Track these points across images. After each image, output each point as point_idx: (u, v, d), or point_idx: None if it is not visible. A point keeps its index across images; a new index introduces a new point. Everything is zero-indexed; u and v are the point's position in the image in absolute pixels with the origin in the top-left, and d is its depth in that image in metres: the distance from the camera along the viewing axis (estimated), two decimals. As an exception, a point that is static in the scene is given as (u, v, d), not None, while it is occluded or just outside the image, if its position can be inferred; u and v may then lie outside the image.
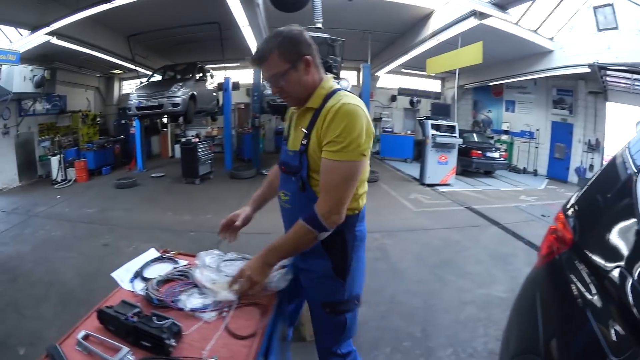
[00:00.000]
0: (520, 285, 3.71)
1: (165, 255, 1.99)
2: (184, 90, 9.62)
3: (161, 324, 1.24)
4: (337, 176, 1.46)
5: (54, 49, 9.28)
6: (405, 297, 3.79)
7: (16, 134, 10.35)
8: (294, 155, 1.60)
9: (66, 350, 1.20)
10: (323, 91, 1.56)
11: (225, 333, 1.35)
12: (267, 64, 1.51)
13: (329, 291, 1.66)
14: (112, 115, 15.62)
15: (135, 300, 1.49)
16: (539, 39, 9.46)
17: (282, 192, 1.73)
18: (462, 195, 8.70)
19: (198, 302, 1.50)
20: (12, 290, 4.08)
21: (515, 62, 11.23)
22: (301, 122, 1.60)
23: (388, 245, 5.22)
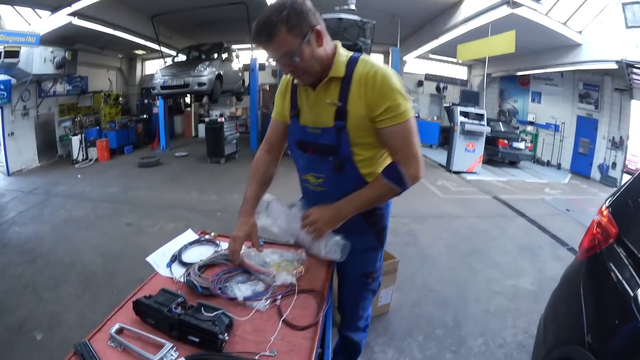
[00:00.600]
0: (547, 279, 3.87)
1: (204, 237, 1.84)
2: (210, 70, 9.52)
3: (211, 316, 1.10)
4: (409, 136, 1.43)
5: (75, 30, 9.19)
6: (437, 285, 3.77)
7: (36, 115, 10.37)
8: (326, 132, 1.49)
9: (97, 347, 1.05)
10: (343, 58, 1.46)
11: (282, 324, 1.21)
12: (275, 42, 1.32)
13: (371, 261, 1.73)
14: (134, 96, 15.56)
15: (175, 288, 1.35)
16: (567, 31, 9.23)
17: (311, 176, 1.61)
18: (488, 184, 8.60)
19: (249, 289, 1.36)
20: (30, 272, 3.99)
21: (543, 53, 10.98)
22: (326, 95, 1.47)
23: (417, 230, 5.17)
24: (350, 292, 1.81)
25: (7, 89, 9.05)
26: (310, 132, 1.54)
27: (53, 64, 9.58)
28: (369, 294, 1.81)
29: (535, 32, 8.97)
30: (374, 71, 1.38)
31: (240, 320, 1.20)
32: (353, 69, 1.42)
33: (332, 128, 1.46)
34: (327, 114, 1.47)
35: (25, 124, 9.96)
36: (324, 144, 1.50)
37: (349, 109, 1.42)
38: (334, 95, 1.44)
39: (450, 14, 9.68)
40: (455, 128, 9.45)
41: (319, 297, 1.37)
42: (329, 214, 1.49)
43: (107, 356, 1.03)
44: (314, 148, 1.54)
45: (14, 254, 4.48)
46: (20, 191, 7.46)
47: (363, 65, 1.42)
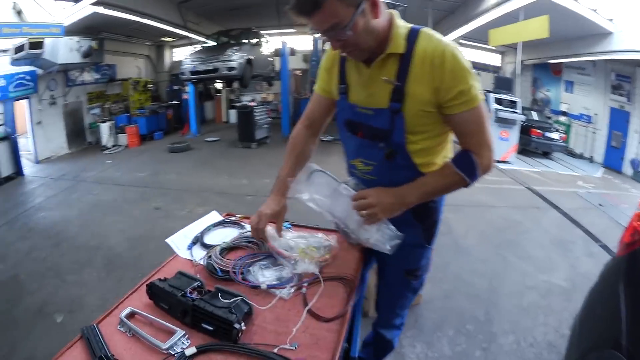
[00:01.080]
0: (579, 276, 3.69)
1: (229, 219, 1.74)
2: (239, 55, 9.43)
3: (229, 302, 0.99)
4: (482, 122, 1.26)
5: (101, 20, 9.27)
6: (470, 277, 3.63)
7: (64, 103, 10.57)
8: (379, 114, 1.29)
9: (106, 331, 0.99)
10: (402, 31, 1.23)
11: (306, 314, 1.09)
12: (323, 12, 1.08)
13: (415, 258, 1.56)
14: (164, 83, 15.68)
15: (194, 272, 1.26)
16: (598, 18, 8.78)
17: (359, 161, 1.42)
18: (521, 175, 8.34)
19: (273, 275, 1.25)
20: (54, 256, 4.03)
21: (574, 42, 10.49)
22: (380, 72, 1.25)
23: (451, 219, 5.01)
24: (389, 289, 1.67)
25: (33, 79, 9.23)
26: (360, 113, 1.35)
27: (79, 54, 9.70)
28: (410, 292, 1.65)
29: (566, 18, 8.61)
30: (442, 49, 1.17)
31: (260, 308, 1.09)
32: (414, 44, 1.20)
33: (387, 110, 1.26)
34: (382, 93, 1.26)
35: (52, 112, 10.16)
36: (375, 127, 1.31)
37: (407, 90, 1.22)
38: (390, 73, 1.24)
39: (483, -3, 9.35)
40: (490, 115, 9.09)
41: (349, 286, 1.24)
42: (389, 200, 1.28)
43: (115, 341, 0.96)
44: (364, 131, 1.36)
45: (38, 238, 4.55)
46: (49, 177, 7.63)
47: (427, 41, 1.20)
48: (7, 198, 6.53)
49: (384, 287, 1.68)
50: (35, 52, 8.16)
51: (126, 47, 13.20)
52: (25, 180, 7.81)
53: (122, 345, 0.96)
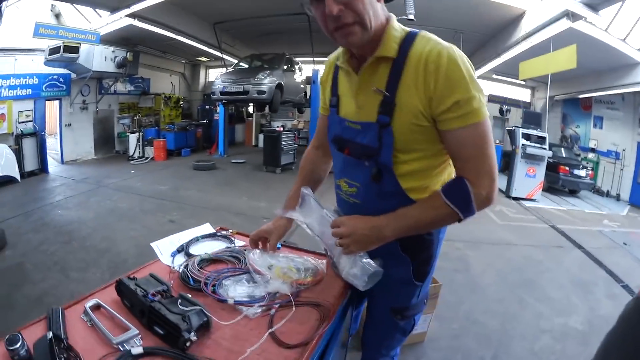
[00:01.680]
0: (598, 318, 3.47)
1: (220, 232, 1.70)
2: (270, 79, 9.46)
3: (185, 310, 0.94)
4: (484, 143, 1.06)
5: (136, 32, 9.65)
6: (482, 317, 3.43)
7: (95, 109, 10.97)
8: (367, 129, 1.14)
9: (70, 317, 1.02)
10: (396, 33, 1.09)
11: (268, 336, 1.01)
12: None
13: (404, 296, 1.35)
14: (196, 101, 16.09)
15: (169, 277, 1.24)
16: (627, 48, 8.58)
17: (344, 182, 1.28)
18: (547, 213, 8.10)
19: (244, 292, 1.17)
20: (63, 252, 4.13)
21: (604, 74, 10.28)
22: (372, 80, 1.11)
23: (470, 257, 4.87)
24: (374, 327, 1.49)
25: (66, 82, 9.70)
26: (349, 127, 1.20)
27: (114, 63, 10.08)
28: (398, 333, 1.45)
29: (595, 49, 8.44)
30: (438, 51, 1.01)
31: (221, 323, 1.03)
32: (409, 48, 1.06)
33: (375, 124, 1.11)
34: (371, 105, 1.12)
35: (83, 117, 10.58)
36: (361, 144, 1.16)
37: (398, 100, 1.06)
38: (381, 81, 1.09)
39: (511, 29, 9.33)
40: (517, 151, 8.96)
41: (323, 313, 1.14)
42: (364, 231, 1.14)
43: (74, 327, 0.99)
44: (351, 148, 1.22)
45: (51, 233, 4.69)
46: (71, 179, 7.89)
47: (423, 43, 1.05)
48: (27, 191, 6.81)
49: (370, 323, 1.51)
50: (70, 55, 8.52)
51: (161, 62, 13.66)
52: (49, 178, 8.13)
53: (78, 332, 0.98)
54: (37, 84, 8.93)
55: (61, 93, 9.71)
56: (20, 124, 8.48)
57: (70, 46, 8.37)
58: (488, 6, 8.21)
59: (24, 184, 7.46)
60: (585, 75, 10.71)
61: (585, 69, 9.92)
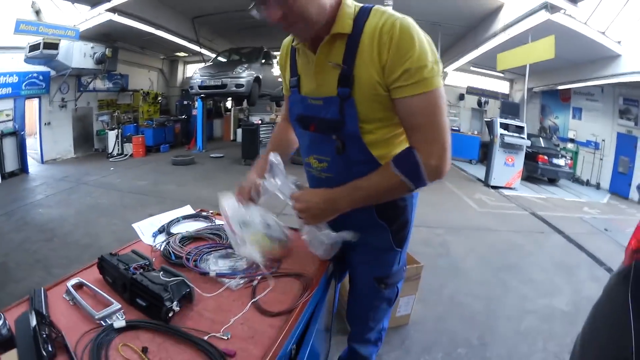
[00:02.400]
0: (583, 299, 3.52)
1: (201, 213, 1.71)
2: (248, 72, 9.40)
3: (167, 281, 0.93)
4: (434, 111, 1.06)
5: (116, 28, 9.50)
6: (466, 299, 3.47)
7: (74, 107, 10.75)
8: (329, 103, 1.16)
9: (52, 297, 1.02)
10: (349, 10, 1.10)
11: (251, 306, 1.02)
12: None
13: (385, 264, 1.38)
14: (174, 97, 15.92)
15: (151, 255, 1.23)
16: (607, 41, 8.74)
17: (313, 158, 1.30)
18: (526, 200, 8.25)
19: (226, 265, 1.18)
20: (45, 249, 4.08)
21: (583, 66, 10.49)
22: (328, 56, 1.13)
23: (451, 242, 4.91)
24: (359, 299, 1.51)
25: (45, 80, 9.46)
26: (311, 105, 1.22)
27: (93, 60, 9.88)
28: (383, 302, 1.47)
29: (575, 41, 8.60)
30: (392, 22, 1.02)
31: (204, 295, 1.03)
32: (364, 24, 1.07)
33: (336, 98, 1.13)
34: (330, 80, 1.14)
35: (62, 115, 10.34)
36: (326, 119, 1.18)
37: (356, 73, 1.08)
38: (338, 56, 1.11)
39: (490, 21, 9.42)
40: (495, 140, 9.10)
41: (305, 283, 1.15)
42: (319, 205, 1.18)
43: (56, 306, 0.99)
44: (316, 124, 1.23)
45: (33, 231, 4.62)
46: (52, 177, 7.75)
47: (378, 16, 1.06)
48: (8, 192, 6.67)
49: (354, 296, 1.52)
50: (49, 52, 8.35)
51: (140, 58, 13.44)
52: (29, 177, 7.97)
53: (60, 311, 0.97)
54: (16, 82, 8.71)
55: (41, 91, 9.49)
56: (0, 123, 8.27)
57: (50, 43, 8.22)
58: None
59: (5, 184, 7.29)
60: (564, 67, 10.91)
61: (564, 61, 10.11)
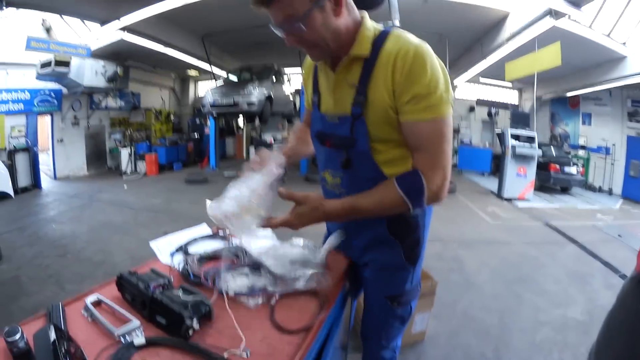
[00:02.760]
0: (598, 308, 3.52)
1: (218, 233, 1.71)
2: (260, 91, 9.52)
3: (186, 299, 0.95)
4: (438, 139, 1.09)
5: (127, 47, 9.64)
6: (479, 313, 3.45)
7: (86, 125, 10.95)
8: (343, 121, 1.20)
9: (70, 313, 1.04)
10: (369, 33, 1.14)
11: (269, 324, 1.03)
12: (279, 2, 1.03)
13: (398, 282, 1.36)
14: (186, 115, 16.11)
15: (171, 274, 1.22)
16: (612, 43, 8.71)
17: (328, 173, 1.33)
18: (539, 211, 8.18)
19: (244, 284, 1.18)
20: (58, 265, 4.13)
21: (590, 70, 10.46)
22: (346, 76, 1.18)
23: (464, 256, 4.90)
24: (372, 316, 1.49)
25: (57, 97, 9.71)
26: (329, 122, 1.27)
27: (104, 78, 10.09)
28: (396, 321, 1.46)
29: (580, 46, 8.59)
30: (407, 49, 1.06)
31: (222, 313, 1.04)
32: (381, 47, 1.11)
33: (349, 116, 1.17)
34: (346, 99, 1.18)
35: (75, 132, 10.57)
36: (340, 136, 1.22)
37: (369, 94, 1.12)
38: (355, 77, 1.15)
39: (496, 31, 9.44)
40: (507, 152, 9.05)
41: (322, 300, 1.16)
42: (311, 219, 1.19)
43: (74, 322, 1.00)
44: (331, 140, 1.27)
45: (45, 246, 4.70)
46: (64, 194, 7.89)
47: (394, 42, 1.10)
48: (21, 206, 6.83)
49: (367, 314, 1.51)
50: (60, 70, 8.55)
51: (151, 77, 13.67)
52: (42, 193, 8.14)
53: (79, 327, 0.98)
54: (29, 98, 8.94)
55: (53, 108, 9.71)
56: (12, 139, 8.48)
57: (61, 60, 8.41)
58: (472, 9, 8.30)
59: (18, 199, 7.44)
60: (571, 73, 10.87)
61: (571, 67, 10.07)
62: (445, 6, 8.10)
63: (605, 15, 8.07)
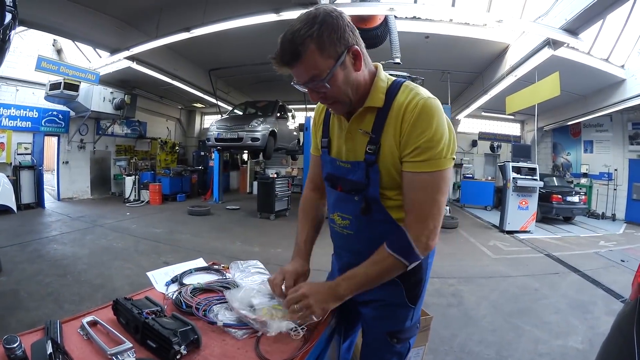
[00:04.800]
0: (598, 335, 3.51)
1: (213, 266, 1.79)
2: (264, 126, 9.59)
3: (176, 326, 1.01)
4: (432, 192, 1.15)
5: (135, 75, 9.96)
6: (477, 347, 3.39)
7: (92, 149, 11.13)
8: (356, 167, 1.26)
9: (67, 330, 1.10)
10: (382, 84, 1.21)
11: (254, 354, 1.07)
12: (302, 63, 1.08)
13: (399, 320, 1.39)
14: (192, 147, 16.36)
15: (165, 303, 1.32)
16: (610, 67, 8.88)
17: (337, 216, 1.38)
18: (541, 242, 8.14)
19: (233, 316, 1.24)
20: (58, 284, 4.18)
21: (589, 97, 10.66)
22: (359, 125, 1.24)
23: (463, 291, 4.86)
24: (370, 352, 1.49)
25: (65, 120, 9.96)
26: (340, 166, 1.33)
27: (112, 104, 10.32)
28: (394, 357, 1.45)
29: (580, 73, 8.73)
30: (416, 101, 1.12)
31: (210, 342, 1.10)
32: (394, 98, 1.18)
33: (363, 162, 1.23)
34: (359, 146, 1.24)
35: (80, 156, 10.78)
36: (352, 181, 1.27)
37: (382, 142, 1.18)
38: (368, 125, 1.22)
39: (497, 65, 9.61)
40: (508, 185, 9.06)
41: (310, 334, 1.19)
42: (322, 294, 1.21)
43: (70, 339, 1.06)
44: (342, 185, 1.32)
45: (46, 265, 4.77)
46: (67, 215, 7.98)
47: (406, 94, 1.16)
48: (23, 223, 6.95)
49: (366, 350, 1.51)
50: (69, 93, 8.77)
51: (158, 107, 13.97)
52: (45, 212, 8.25)
53: (74, 344, 1.04)
54: (36, 117, 9.16)
55: (60, 130, 9.92)
56: (18, 155, 8.66)
57: (70, 83, 8.63)
58: (473, 43, 8.48)
59: (20, 215, 7.57)
60: (571, 101, 11.04)
61: (571, 96, 10.26)
62: (447, 42, 8.27)
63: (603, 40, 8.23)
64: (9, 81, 8.73)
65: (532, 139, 12.55)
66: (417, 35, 7.91)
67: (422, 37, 7.96)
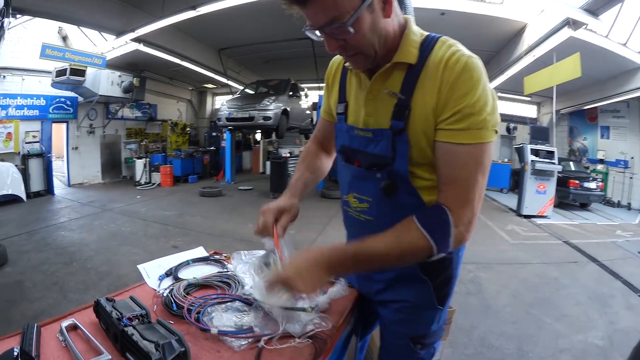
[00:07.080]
0: (618, 332, 3.41)
1: (214, 256, 1.58)
2: (276, 105, 9.37)
3: (159, 337, 0.85)
4: (474, 169, 0.92)
5: (143, 57, 9.83)
6: (497, 340, 3.26)
7: (102, 134, 11.08)
8: (379, 136, 1.03)
9: (45, 335, 0.98)
10: (415, 37, 0.99)
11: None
12: (320, 2, 0.85)
13: (424, 323, 1.19)
14: (203, 128, 16.25)
15: (152, 302, 1.15)
16: (628, 52, 8.53)
17: (352, 197, 1.15)
18: (559, 228, 7.95)
19: (231, 321, 1.05)
20: (63, 272, 4.14)
21: (607, 82, 10.28)
22: (384, 85, 1.01)
23: (483, 278, 4.73)
24: (388, 358, 1.30)
25: (73, 105, 9.89)
26: (358, 136, 1.09)
27: (120, 88, 10.20)
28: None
29: (598, 57, 8.41)
30: (458, 57, 0.91)
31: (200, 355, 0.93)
32: (429, 53, 0.96)
33: (388, 130, 1.00)
34: (383, 110, 1.01)
35: (90, 141, 10.72)
36: (373, 154, 1.05)
37: (413, 105, 0.95)
38: (395, 85, 0.99)
39: (514, 44, 9.33)
40: (526, 168, 8.77)
41: (319, 346, 0.99)
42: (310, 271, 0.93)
43: (48, 345, 0.95)
44: (361, 159, 1.09)
45: (52, 253, 4.73)
46: (77, 201, 7.96)
47: (444, 49, 0.95)
48: (32, 211, 6.93)
49: (384, 356, 1.31)
50: (76, 78, 8.68)
51: (168, 89, 13.84)
52: (54, 199, 8.25)
53: (51, 351, 0.93)
54: (44, 105, 9.10)
55: (68, 116, 9.87)
56: (27, 144, 8.62)
57: (76, 69, 8.53)
58: (490, 21, 8.23)
59: (29, 203, 7.56)
60: (589, 85, 10.73)
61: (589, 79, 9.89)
62: (463, 18, 8.02)
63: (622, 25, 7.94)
64: (15, 71, 8.64)
65: (549, 122, 12.24)
66: (433, 12, 7.68)
67: (438, 14, 7.74)
